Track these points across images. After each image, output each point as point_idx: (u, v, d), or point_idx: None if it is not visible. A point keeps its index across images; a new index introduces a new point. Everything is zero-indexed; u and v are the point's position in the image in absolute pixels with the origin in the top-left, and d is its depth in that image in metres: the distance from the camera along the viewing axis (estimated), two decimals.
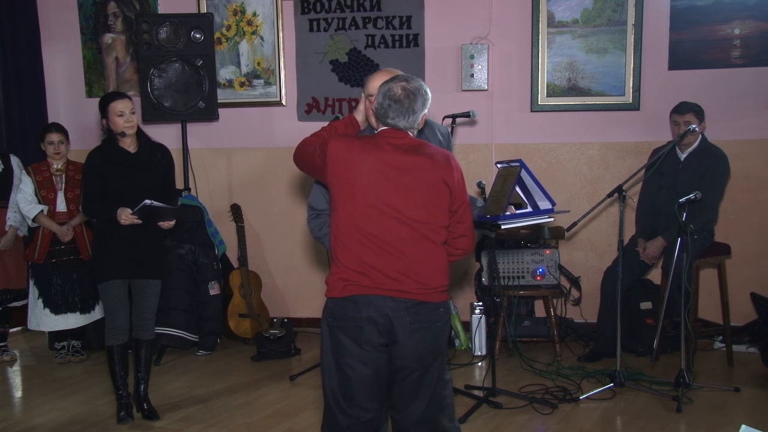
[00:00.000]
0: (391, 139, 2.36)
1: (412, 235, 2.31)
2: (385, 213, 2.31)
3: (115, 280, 3.54)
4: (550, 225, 4.60)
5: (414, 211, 2.31)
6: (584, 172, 4.91)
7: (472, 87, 4.85)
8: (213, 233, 4.96)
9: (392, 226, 2.30)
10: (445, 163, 2.34)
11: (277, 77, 5.15)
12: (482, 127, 4.92)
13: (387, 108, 2.36)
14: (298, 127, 5.09)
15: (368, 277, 2.31)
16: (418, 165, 2.32)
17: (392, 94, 2.35)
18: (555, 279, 4.51)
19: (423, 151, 2.35)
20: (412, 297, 2.30)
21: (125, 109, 3.53)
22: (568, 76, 4.81)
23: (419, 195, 2.32)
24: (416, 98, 2.35)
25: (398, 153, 2.33)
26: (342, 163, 2.34)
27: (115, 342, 3.60)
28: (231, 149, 5.31)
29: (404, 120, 2.37)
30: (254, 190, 5.27)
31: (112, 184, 3.49)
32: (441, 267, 2.36)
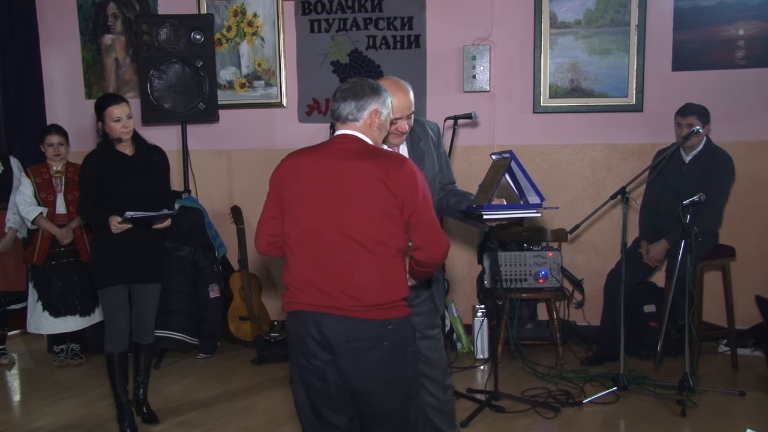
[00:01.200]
0: (337, 144, 2.28)
1: (351, 247, 2.20)
2: (323, 225, 2.22)
3: (115, 285, 3.52)
4: (553, 228, 4.68)
5: (355, 221, 2.20)
6: (587, 174, 4.90)
7: (474, 88, 4.85)
8: (213, 235, 4.94)
9: (331, 238, 2.21)
10: (390, 167, 2.19)
11: (278, 78, 5.15)
12: (484, 129, 4.91)
13: (333, 97, 2.32)
14: (298, 129, 5.11)
15: (306, 293, 2.24)
16: (356, 170, 2.20)
17: (343, 84, 2.32)
18: (558, 281, 4.51)
19: (366, 155, 2.23)
20: (346, 314, 2.20)
21: (122, 115, 3.49)
22: (571, 78, 4.80)
23: (360, 203, 2.20)
24: (366, 90, 2.28)
25: (339, 159, 2.23)
26: (282, 177, 2.30)
27: (115, 349, 3.57)
28: (231, 151, 5.30)
29: (347, 106, 2.26)
30: (255, 192, 5.00)
31: (111, 189, 3.46)
32: (385, 281, 2.22)
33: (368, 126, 2.28)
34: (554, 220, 4.78)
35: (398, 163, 2.22)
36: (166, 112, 4.83)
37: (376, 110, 2.28)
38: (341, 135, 2.29)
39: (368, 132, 2.29)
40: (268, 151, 5.21)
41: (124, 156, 3.52)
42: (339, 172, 2.22)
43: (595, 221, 4.82)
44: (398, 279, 2.25)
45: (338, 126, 2.31)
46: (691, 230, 3.68)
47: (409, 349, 2.27)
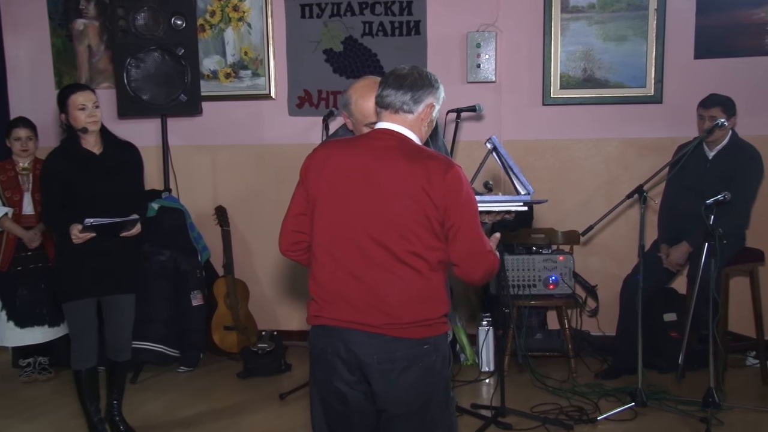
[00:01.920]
0: (373, 140, 2.25)
1: (385, 258, 2.17)
2: (355, 231, 2.19)
3: (82, 299, 3.43)
4: (564, 229, 4.69)
5: (389, 229, 2.17)
6: (601, 171, 4.89)
7: (479, 78, 4.83)
8: (196, 238, 4.93)
9: (363, 247, 2.18)
10: (433, 172, 2.16)
11: (266, 68, 5.11)
12: (489, 122, 4.88)
13: (384, 82, 2.27)
14: (289, 123, 5.10)
15: (334, 306, 2.23)
16: (395, 172, 2.17)
17: (398, 69, 2.28)
18: (569, 288, 4.49)
19: (409, 155, 2.19)
20: (378, 331, 2.19)
21: (87, 102, 3.40)
22: (584, 66, 4.79)
23: (396, 210, 2.16)
24: (424, 80, 2.26)
25: (378, 157, 2.20)
26: (312, 169, 2.27)
27: (84, 365, 3.51)
28: (216, 146, 5.26)
29: (395, 95, 2.23)
30: (241, 191, 5.24)
31: (77, 191, 3.36)
32: (421, 297, 2.19)
33: (420, 121, 2.26)
34: (566, 220, 4.79)
35: (443, 168, 2.17)
36: (144, 105, 4.80)
37: (431, 104, 2.27)
38: (383, 130, 2.25)
39: (417, 128, 2.27)
40: (255, 146, 5.20)
41: (90, 154, 3.43)
42: (375, 172, 2.18)
43: (610, 222, 4.82)
44: (438, 294, 2.22)
45: (383, 116, 2.27)
46: (715, 232, 3.68)
47: (444, 372, 2.26)
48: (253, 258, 5.27)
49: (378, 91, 2.27)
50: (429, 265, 2.18)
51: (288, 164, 4.55)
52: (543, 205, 4.77)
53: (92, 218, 3.25)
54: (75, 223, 3.28)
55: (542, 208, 4.79)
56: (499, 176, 4.73)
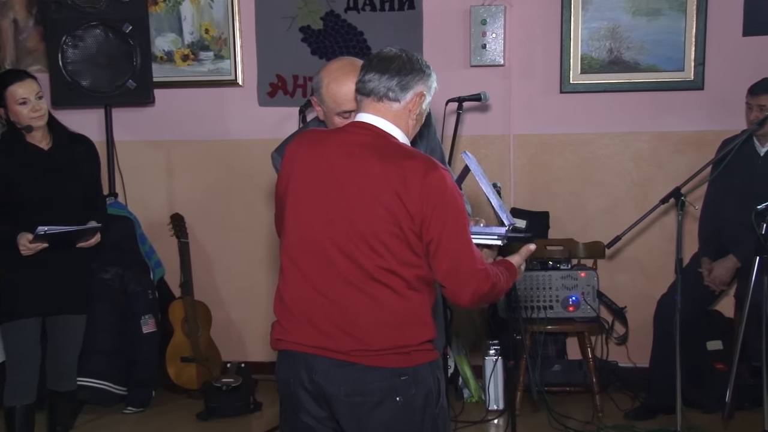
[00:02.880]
0: (346, 135, 2.27)
1: (355, 273, 2.19)
2: (322, 241, 2.22)
3: (26, 319, 3.45)
4: (586, 240, 4.67)
5: (359, 241, 2.18)
6: (630, 171, 4.87)
7: (484, 62, 4.80)
8: (147, 252, 4.88)
9: (331, 260, 2.21)
10: (410, 174, 2.16)
11: (232, 49, 5.04)
12: (497, 114, 4.87)
13: (367, 66, 2.30)
14: (259, 114, 5.06)
15: (298, 328, 2.26)
16: (366, 174, 2.19)
17: (384, 51, 2.31)
18: (593, 310, 4.47)
19: (384, 154, 2.20)
20: (346, 359, 2.20)
21: (29, 95, 3.39)
22: (610, 46, 4.74)
23: (366, 219, 2.18)
24: (414, 65, 2.28)
25: (347, 155, 2.23)
26: (283, 172, 2.32)
27: (19, 401, 3.49)
28: (171, 142, 5.21)
29: (380, 79, 2.25)
30: (202, 196, 5.20)
31: (21, 194, 3.37)
32: (398, 320, 2.20)
33: (407, 113, 2.30)
34: (588, 230, 4.78)
35: (422, 169, 2.17)
36: (83, 92, 4.73)
37: (421, 93, 2.31)
38: (361, 123, 2.29)
39: (403, 121, 2.30)
40: (219, 143, 5.16)
41: (37, 150, 3.45)
42: (343, 173, 2.22)
43: (640, 232, 4.78)
44: (418, 317, 2.24)
45: (364, 105, 2.30)
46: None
47: (429, 410, 2.26)
48: (217, 276, 5.25)
49: (359, 76, 2.31)
50: (407, 283, 2.20)
51: (258, 164, 4.56)
52: (561, 212, 4.87)
53: (45, 226, 3.25)
54: (22, 231, 3.29)
55: (560, 215, 4.82)
56: (509, 177, 4.84)
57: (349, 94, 2.46)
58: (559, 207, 4.85)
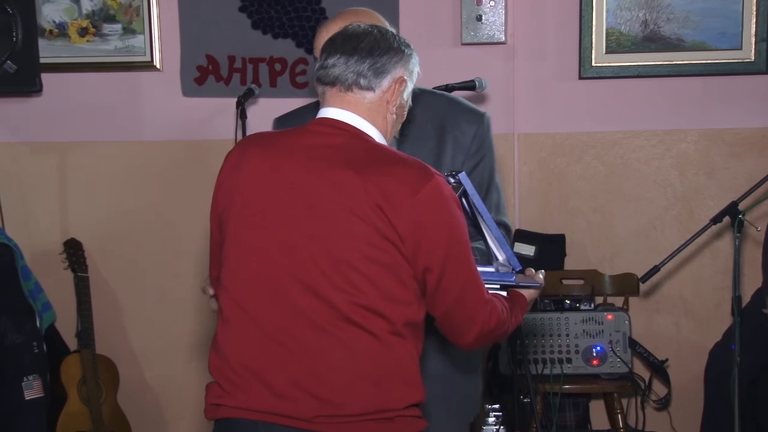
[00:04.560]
0: (311, 136, 2.32)
1: (322, 313, 2.21)
2: (278, 274, 2.24)
3: None
4: (614, 272, 4.70)
5: (327, 270, 2.21)
6: (672, 181, 4.80)
7: (480, 38, 4.72)
8: (32, 291, 4.65)
9: (290, 298, 2.22)
10: (396, 186, 2.20)
11: (146, 21, 4.91)
12: (497, 107, 4.73)
13: (328, 48, 2.34)
14: (183, 107, 4.96)
15: (244, 389, 2.26)
16: (338, 187, 2.22)
17: (350, 27, 2.36)
18: (624, 364, 4.40)
19: (356, 159, 2.25)
20: (310, 428, 2.21)
21: None
22: (644, 18, 4.68)
23: (337, 240, 2.21)
24: (389, 42, 2.33)
25: (312, 163, 2.26)
26: (224, 186, 2.36)
27: None
28: (65, 145, 5.06)
29: (347, 63, 2.30)
30: (107, 217, 5.08)
31: None
32: (377, 375, 2.23)
33: (384, 104, 2.35)
34: (617, 258, 4.76)
35: (415, 179, 2.22)
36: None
37: (401, 79, 2.36)
38: (327, 119, 2.33)
39: (380, 116, 2.34)
40: (129, 145, 5.04)
41: None
42: (308, 186, 2.25)
43: (685, 261, 4.75)
44: (403, 371, 2.27)
45: (329, 98, 2.35)
46: None
47: None
48: (126, 321, 5.14)
49: (319, 61, 2.37)
50: (391, 326, 2.22)
51: (182, 172, 4.58)
52: (581, 235, 4.82)
53: None
54: None
55: (581, 240, 4.77)
56: (512, 189, 4.73)
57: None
58: (579, 228, 4.77)
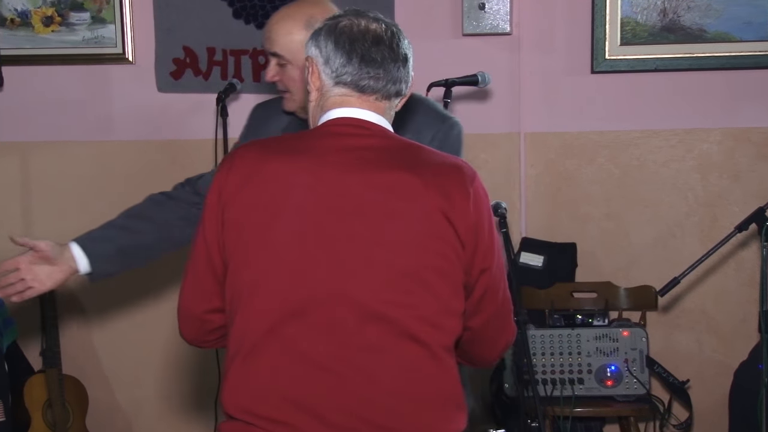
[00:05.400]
0: (345, 137, 2.31)
1: (378, 331, 2.21)
2: (327, 293, 2.21)
3: None
4: (630, 285, 4.69)
5: (388, 284, 2.21)
6: (693, 184, 4.82)
7: (483, 29, 4.74)
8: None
9: (340, 319, 2.20)
10: (453, 186, 2.26)
11: (117, 8, 4.95)
12: (501, 103, 4.83)
13: (353, 49, 2.32)
14: (158, 104, 5.00)
15: (292, 425, 2.20)
16: (392, 189, 2.24)
17: (363, 29, 2.34)
18: (641, 385, 4.43)
19: (404, 159, 2.29)
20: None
21: None
22: (662, 6, 4.71)
23: (405, 249, 2.22)
24: (404, 45, 2.38)
25: (352, 164, 2.26)
26: (238, 200, 2.29)
27: None
28: (28, 145, 5.13)
29: (389, 70, 2.33)
30: (75, 222, 4.76)
31: None
32: (438, 398, 2.25)
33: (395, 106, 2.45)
34: (633, 269, 4.79)
35: (467, 177, 2.30)
36: None
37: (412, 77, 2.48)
38: (348, 119, 2.34)
39: (390, 116, 2.41)
40: (99, 145, 5.07)
41: None
42: (359, 192, 2.26)
43: (708, 272, 4.77)
44: (457, 393, 2.32)
45: (350, 100, 2.36)
46: None
47: None
48: (96, 338, 5.15)
49: (347, 66, 2.34)
50: (446, 341, 2.28)
51: (157, 175, 4.53)
52: (593, 243, 4.84)
53: None
54: None
55: (594, 250, 4.79)
56: (518, 194, 4.84)
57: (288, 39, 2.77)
58: (591, 236, 4.78)
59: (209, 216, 2.31)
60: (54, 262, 3.07)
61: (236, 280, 2.27)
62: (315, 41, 2.36)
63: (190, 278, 2.36)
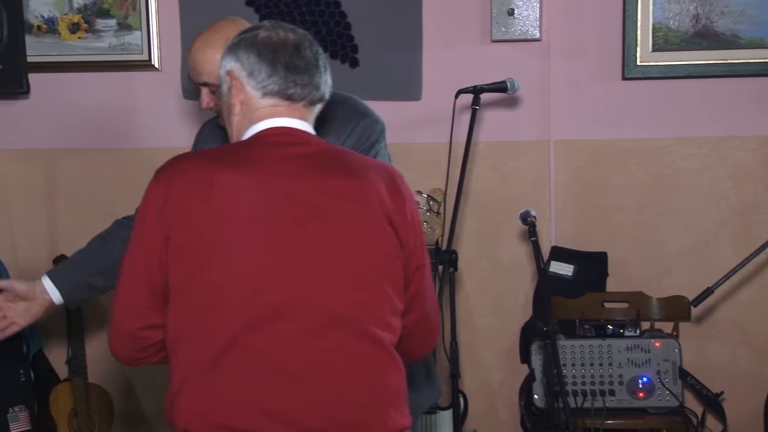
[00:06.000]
0: (284, 146, 2.38)
1: (346, 336, 2.27)
2: (288, 297, 2.25)
3: None
4: (662, 294, 4.67)
5: (349, 281, 2.29)
6: (727, 193, 4.79)
7: (512, 35, 4.74)
8: None
9: (304, 324, 2.25)
10: (387, 186, 2.38)
11: (143, 15, 4.96)
12: (530, 110, 4.83)
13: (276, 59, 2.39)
14: (184, 110, 5.00)
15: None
16: (340, 194, 2.32)
17: (283, 38, 2.41)
18: (674, 397, 4.42)
19: (344, 164, 2.39)
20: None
21: None
22: (695, 11, 4.68)
23: (354, 253, 2.31)
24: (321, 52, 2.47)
25: (305, 174, 2.33)
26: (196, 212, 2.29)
27: None
28: (55, 152, 5.11)
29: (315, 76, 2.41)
30: (100, 229, 4.90)
31: None
32: (397, 394, 2.36)
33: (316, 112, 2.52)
34: (665, 279, 4.76)
35: (399, 179, 2.43)
36: None
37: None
38: (282, 128, 2.39)
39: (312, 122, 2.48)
40: (124, 153, 5.08)
41: None
42: (310, 199, 2.32)
43: (743, 283, 4.73)
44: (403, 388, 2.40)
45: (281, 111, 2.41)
46: None
47: None
48: None
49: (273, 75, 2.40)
50: (393, 339, 2.36)
51: None
52: (624, 253, 4.83)
53: None
54: None
55: (625, 259, 4.77)
56: (547, 202, 4.81)
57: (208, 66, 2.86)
58: (622, 246, 4.75)
59: (149, 231, 2.30)
60: (29, 298, 3.11)
61: (188, 294, 2.27)
62: (234, 55, 2.39)
63: (123, 295, 2.34)
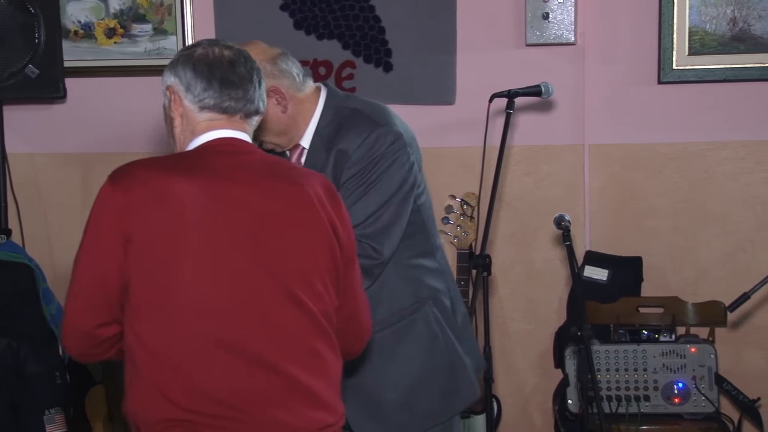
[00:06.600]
0: (232, 155, 2.48)
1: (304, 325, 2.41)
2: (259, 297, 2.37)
3: None
4: (698, 299, 4.65)
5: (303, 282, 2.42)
6: (764, 197, 4.78)
7: (547, 39, 4.75)
8: (54, 316, 4.67)
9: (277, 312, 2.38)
10: (326, 192, 2.53)
11: (179, 20, 5.05)
12: (565, 114, 4.84)
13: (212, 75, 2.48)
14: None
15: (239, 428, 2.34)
16: (293, 199, 2.46)
17: (218, 55, 2.51)
18: (710, 403, 4.40)
19: (287, 172, 2.54)
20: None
21: None
22: (732, 15, 4.65)
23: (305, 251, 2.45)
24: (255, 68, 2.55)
25: (257, 181, 2.45)
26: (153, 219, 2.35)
27: None
28: (91, 156, 5.17)
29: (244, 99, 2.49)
30: None
31: None
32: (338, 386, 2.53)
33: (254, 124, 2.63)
34: (701, 284, 4.75)
35: (332, 186, 2.59)
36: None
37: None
38: (227, 138, 2.50)
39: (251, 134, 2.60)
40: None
41: None
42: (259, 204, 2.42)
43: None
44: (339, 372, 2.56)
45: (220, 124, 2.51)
46: None
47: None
48: None
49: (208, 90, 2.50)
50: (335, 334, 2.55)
51: None
52: (660, 257, 4.82)
53: None
54: None
55: (661, 264, 4.76)
56: (582, 207, 4.80)
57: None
58: (658, 250, 4.74)
59: (107, 235, 2.32)
60: None
61: (149, 297, 2.31)
62: (173, 71, 2.48)
63: (77, 297, 2.37)
